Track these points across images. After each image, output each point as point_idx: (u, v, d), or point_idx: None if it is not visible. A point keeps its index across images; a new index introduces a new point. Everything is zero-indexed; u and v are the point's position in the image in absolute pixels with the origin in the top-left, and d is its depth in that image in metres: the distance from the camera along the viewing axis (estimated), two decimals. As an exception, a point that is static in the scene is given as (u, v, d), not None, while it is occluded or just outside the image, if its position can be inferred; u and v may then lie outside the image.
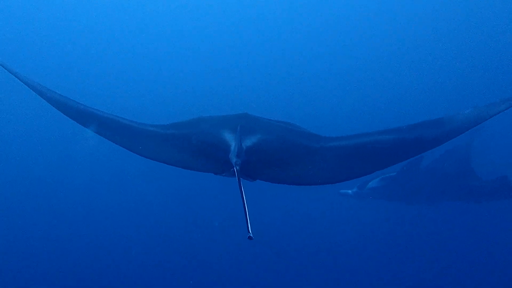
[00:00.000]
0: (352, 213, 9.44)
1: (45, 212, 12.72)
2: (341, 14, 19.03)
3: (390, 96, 17.22)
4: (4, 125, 17.23)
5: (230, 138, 3.14)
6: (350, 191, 7.10)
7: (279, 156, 3.12)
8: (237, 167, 2.79)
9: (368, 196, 6.97)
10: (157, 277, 10.22)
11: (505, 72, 16.92)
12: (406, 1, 18.15)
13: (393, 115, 15.86)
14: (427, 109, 15.56)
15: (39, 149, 16.04)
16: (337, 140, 3.22)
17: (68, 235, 11.48)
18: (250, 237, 2.34)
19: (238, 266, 9.72)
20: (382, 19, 18.65)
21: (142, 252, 10.66)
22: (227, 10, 19.73)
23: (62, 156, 15.21)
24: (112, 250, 10.78)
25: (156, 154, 3.26)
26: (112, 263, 10.34)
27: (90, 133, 3.45)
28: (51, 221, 12.18)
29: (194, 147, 3.27)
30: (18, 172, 14.81)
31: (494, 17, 17.50)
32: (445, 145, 3.22)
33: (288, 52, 19.20)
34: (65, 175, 14.42)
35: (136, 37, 19.85)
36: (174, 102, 16.80)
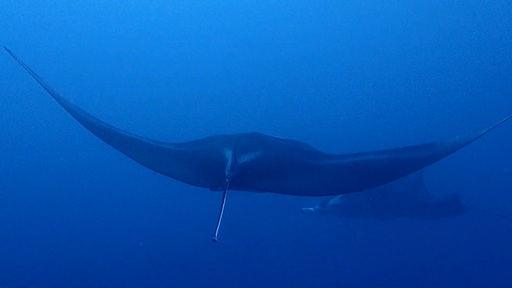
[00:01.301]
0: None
1: (46, 212, 13.11)
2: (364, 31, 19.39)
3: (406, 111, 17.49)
4: (7, 125, 17.54)
5: (229, 154, 3.38)
6: (312, 209, 7.34)
7: (271, 170, 3.36)
8: (228, 180, 3.09)
9: (329, 213, 7.29)
10: (155, 278, 10.62)
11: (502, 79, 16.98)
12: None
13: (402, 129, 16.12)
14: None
15: (39, 150, 16.38)
16: (333, 159, 3.42)
17: (68, 236, 11.84)
18: (214, 240, 2.58)
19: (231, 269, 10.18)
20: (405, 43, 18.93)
21: (141, 253, 11.00)
22: (252, 27, 20.53)
23: (62, 156, 15.54)
24: (112, 251, 11.14)
25: (163, 168, 3.52)
26: (112, 264, 10.68)
27: (92, 138, 3.79)
28: (52, 222, 12.58)
29: (199, 162, 3.53)
30: (19, 172, 15.20)
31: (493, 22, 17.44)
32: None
33: (309, 70, 19.93)
34: (64, 175, 14.79)
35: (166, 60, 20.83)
36: (198, 121, 17.51)
